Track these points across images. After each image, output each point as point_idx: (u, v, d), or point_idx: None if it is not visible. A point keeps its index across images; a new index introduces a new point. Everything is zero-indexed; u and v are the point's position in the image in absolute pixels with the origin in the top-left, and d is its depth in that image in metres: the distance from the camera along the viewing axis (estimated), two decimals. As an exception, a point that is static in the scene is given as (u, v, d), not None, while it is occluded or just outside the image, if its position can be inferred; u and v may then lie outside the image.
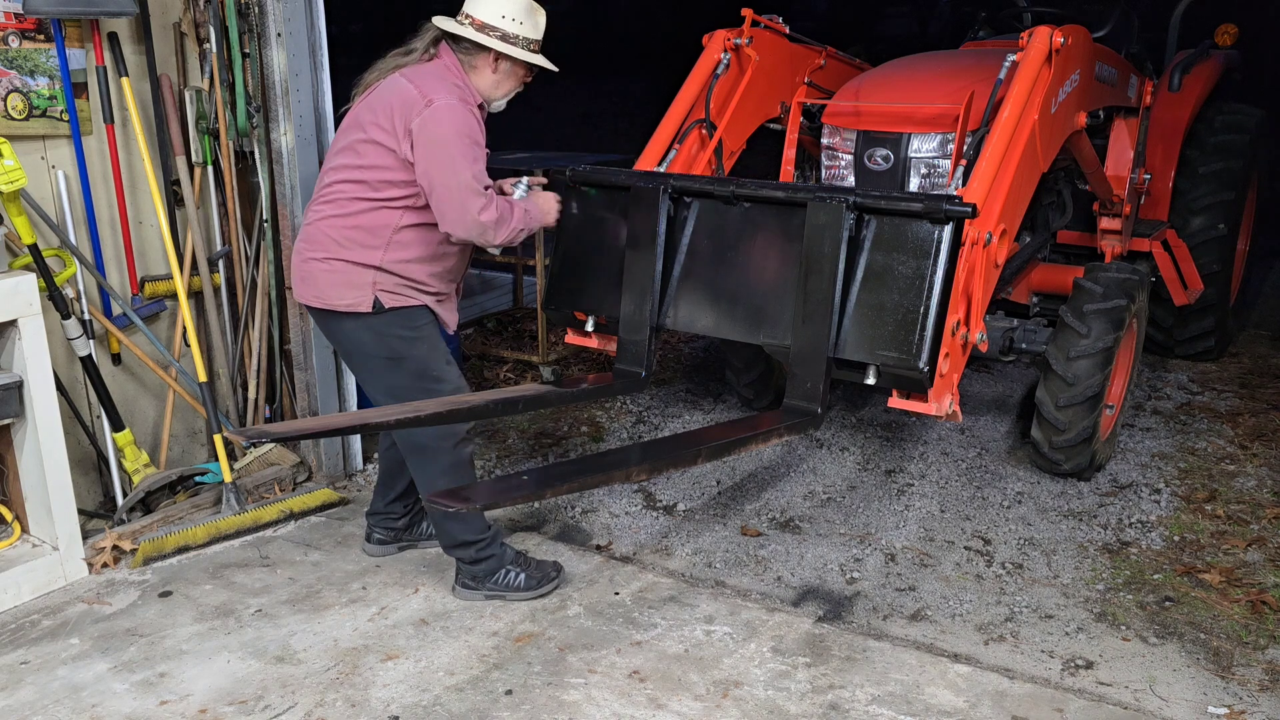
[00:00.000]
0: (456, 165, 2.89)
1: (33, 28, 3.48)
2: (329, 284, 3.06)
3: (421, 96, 2.92)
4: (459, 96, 2.96)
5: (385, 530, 3.55)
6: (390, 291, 3.05)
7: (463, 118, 2.93)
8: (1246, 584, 3.33)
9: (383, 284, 3.04)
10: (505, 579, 3.26)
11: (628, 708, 2.76)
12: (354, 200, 3.02)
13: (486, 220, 2.93)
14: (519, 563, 3.30)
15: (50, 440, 3.29)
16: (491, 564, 3.25)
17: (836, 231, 2.85)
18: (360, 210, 3.02)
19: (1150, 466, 4.22)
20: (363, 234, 3.02)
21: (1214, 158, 5.08)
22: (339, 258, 3.03)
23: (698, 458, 2.84)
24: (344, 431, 3.88)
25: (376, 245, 3.02)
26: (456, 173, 2.89)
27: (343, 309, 3.06)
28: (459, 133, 2.91)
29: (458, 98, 2.95)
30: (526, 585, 3.26)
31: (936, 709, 2.74)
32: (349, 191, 3.03)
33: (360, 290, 3.03)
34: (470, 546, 3.23)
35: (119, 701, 2.80)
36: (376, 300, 3.04)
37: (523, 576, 3.27)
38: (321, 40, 3.91)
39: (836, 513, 3.89)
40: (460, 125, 2.92)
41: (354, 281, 3.04)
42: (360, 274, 3.03)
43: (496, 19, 3.00)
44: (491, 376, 5.40)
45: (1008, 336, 3.99)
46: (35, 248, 3.39)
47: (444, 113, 2.91)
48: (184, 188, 3.90)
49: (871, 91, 3.90)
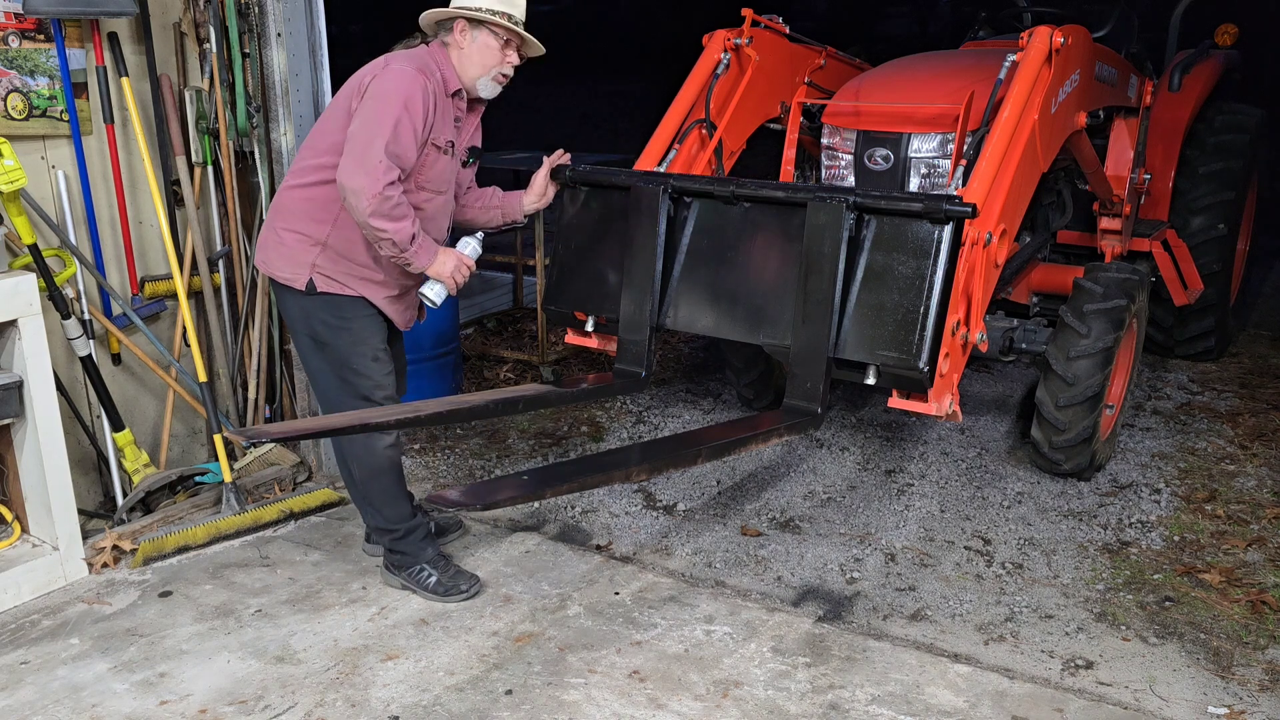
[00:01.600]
0: (380, 119, 2.85)
1: (33, 28, 3.48)
2: (275, 255, 3.11)
3: (385, 61, 2.99)
4: (417, 67, 2.94)
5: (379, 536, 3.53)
6: (327, 275, 3.05)
7: (409, 81, 2.90)
8: (1246, 584, 3.33)
9: (322, 266, 3.05)
10: (418, 575, 3.29)
11: (628, 708, 2.76)
12: (311, 169, 3.05)
13: (375, 180, 2.79)
14: (437, 565, 3.31)
15: (50, 440, 3.29)
16: (404, 559, 3.30)
17: (836, 231, 2.85)
18: (314, 182, 3.03)
19: (1150, 466, 4.22)
20: (313, 206, 3.04)
21: (1214, 158, 5.08)
22: (290, 228, 3.07)
23: (698, 458, 2.84)
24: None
25: (324, 220, 3.03)
26: (378, 123, 2.85)
27: (281, 281, 3.11)
28: (399, 92, 2.88)
29: (415, 67, 2.94)
30: (434, 588, 3.27)
31: (936, 709, 2.74)
32: (308, 159, 3.07)
33: (298, 267, 3.06)
34: (385, 535, 3.31)
35: (119, 701, 2.80)
36: (310, 281, 3.05)
37: (434, 579, 3.28)
38: (321, 40, 3.91)
39: (836, 513, 3.89)
40: (403, 87, 2.89)
41: (295, 258, 3.06)
42: (304, 251, 3.05)
43: None
44: (491, 376, 5.40)
45: (1008, 336, 3.99)
46: (35, 248, 3.39)
47: (394, 74, 2.92)
48: (184, 188, 3.90)
49: (871, 91, 3.89)
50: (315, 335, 3.13)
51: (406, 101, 2.88)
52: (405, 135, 2.89)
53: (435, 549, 3.36)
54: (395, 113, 2.86)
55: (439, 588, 3.27)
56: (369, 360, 3.13)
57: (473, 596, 3.29)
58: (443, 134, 3.04)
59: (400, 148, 2.88)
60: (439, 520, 3.65)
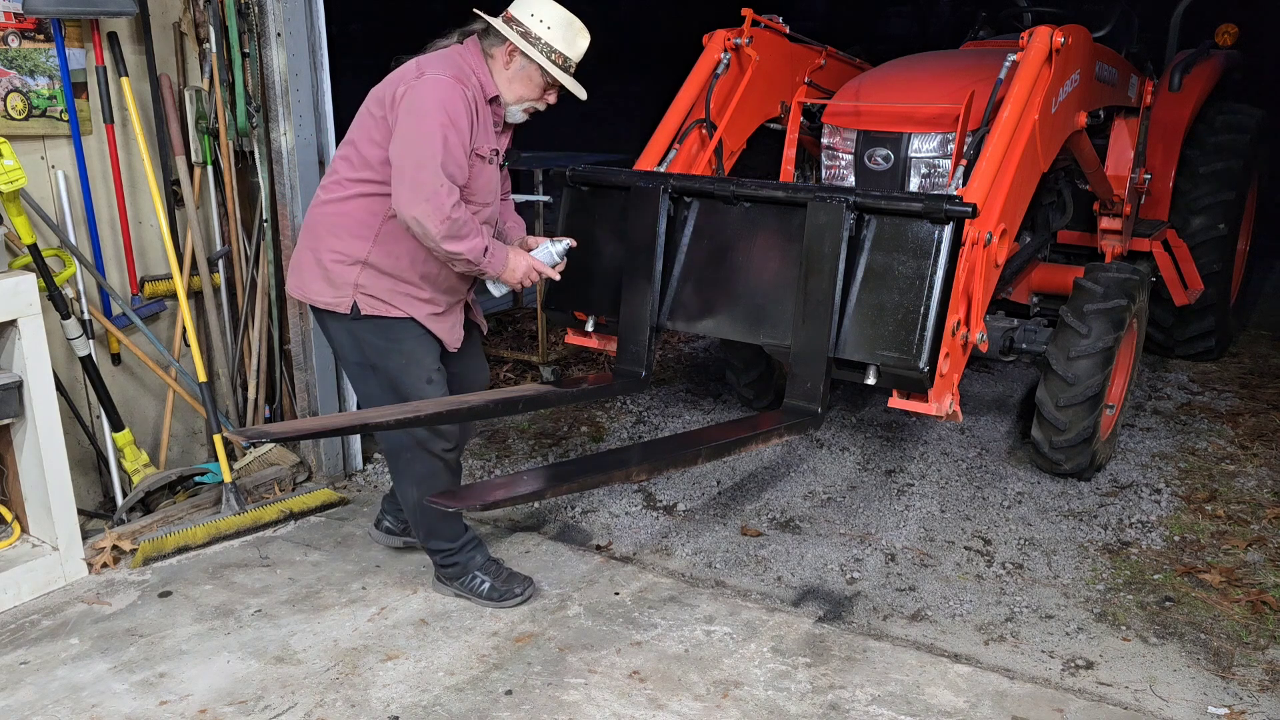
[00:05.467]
0: (426, 137, 2.74)
1: (32, 27, 3.48)
2: (312, 277, 2.99)
3: (417, 69, 2.85)
4: (454, 74, 2.82)
5: (396, 520, 3.55)
6: (372, 296, 2.94)
7: (448, 92, 2.78)
8: (1247, 584, 3.33)
9: (366, 286, 2.93)
10: (471, 583, 3.24)
11: (628, 708, 2.75)
12: (345, 183, 2.93)
13: (439, 206, 2.72)
14: (489, 570, 3.25)
15: (50, 440, 3.29)
16: (457, 570, 3.24)
17: (837, 231, 2.85)
18: (350, 195, 2.92)
19: (1150, 466, 4.22)
20: (351, 222, 2.92)
21: (1214, 157, 5.08)
22: (327, 247, 2.95)
23: (698, 458, 2.84)
24: (344, 431, 3.88)
25: (364, 236, 2.91)
26: (425, 142, 2.74)
27: (322, 306, 2.99)
28: (440, 105, 2.76)
29: (452, 75, 2.81)
30: (489, 594, 3.22)
31: (937, 709, 2.74)
32: (342, 172, 2.95)
33: (340, 290, 2.95)
34: (438, 554, 3.25)
35: (119, 701, 2.80)
36: (355, 305, 2.94)
37: (488, 585, 3.22)
38: (321, 40, 3.91)
39: (836, 513, 3.89)
40: (444, 99, 2.77)
41: (335, 279, 2.94)
42: (344, 271, 2.93)
43: (525, 16, 2.90)
44: (491, 376, 5.39)
45: (1008, 336, 3.99)
46: (35, 248, 3.39)
47: (430, 85, 2.79)
48: (184, 188, 3.90)
49: (871, 91, 3.90)
50: (365, 359, 3.01)
51: (451, 114, 2.76)
52: (455, 150, 2.78)
53: (485, 554, 3.29)
54: (441, 127, 2.75)
55: (492, 593, 3.21)
56: (423, 383, 3.01)
57: (527, 600, 3.23)
58: (486, 143, 2.93)
59: (453, 165, 2.78)
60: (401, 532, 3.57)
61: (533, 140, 6.91)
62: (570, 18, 2.95)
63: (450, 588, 3.28)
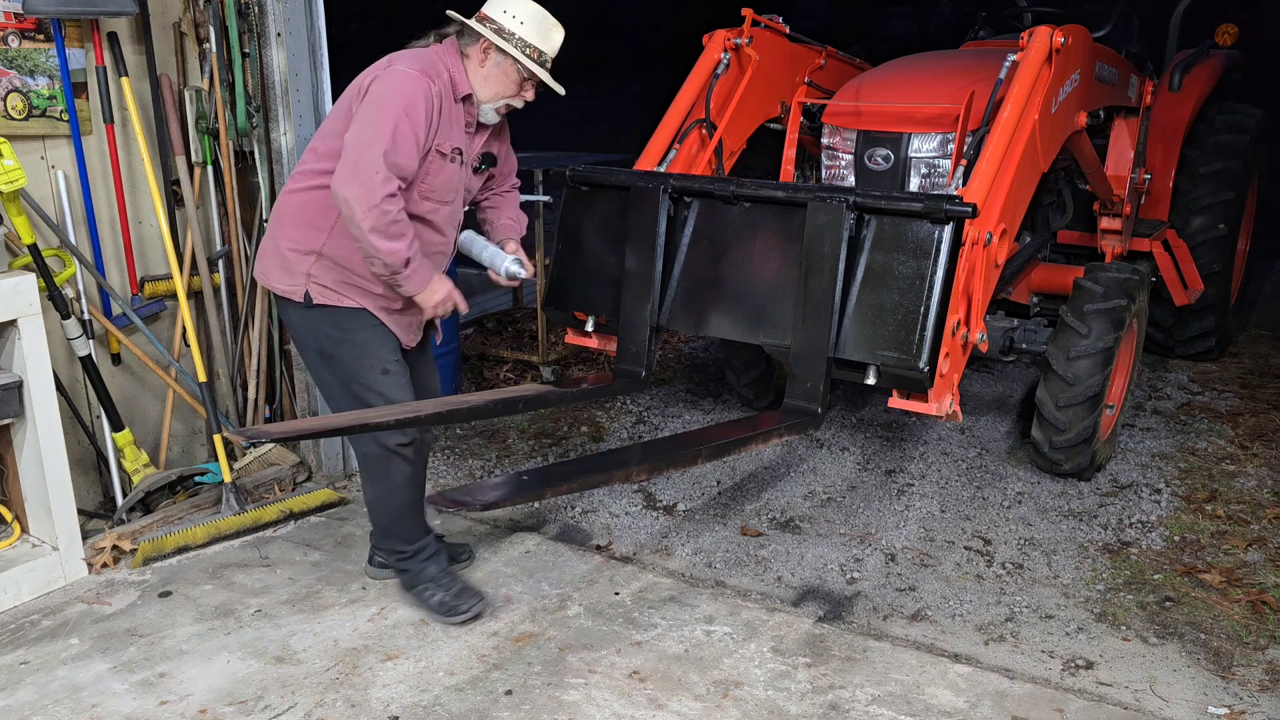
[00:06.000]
0: (378, 125, 2.71)
1: (32, 27, 3.48)
2: (271, 264, 3.00)
3: (387, 62, 2.85)
4: (422, 68, 2.81)
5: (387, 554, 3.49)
6: (324, 286, 2.93)
7: (411, 84, 2.76)
8: (1247, 584, 3.33)
9: (318, 276, 2.92)
10: (423, 594, 3.18)
11: (628, 708, 2.76)
12: (309, 173, 2.92)
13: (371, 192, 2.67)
14: (441, 583, 3.17)
15: (50, 440, 3.29)
16: (408, 578, 3.20)
17: (837, 231, 2.85)
18: (311, 186, 2.90)
19: (1150, 466, 4.22)
20: (309, 212, 2.91)
21: (1214, 157, 5.08)
22: (287, 235, 2.95)
23: (698, 458, 2.84)
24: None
25: (321, 227, 2.89)
26: (376, 129, 2.71)
27: (279, 293, 3.00)
28: (400, 95, 2.74)
29: (420, 69, 2.80)
30: (436, 608, 3.15)
31: (937, 709, 2.74)
32: (308, 163, 2.95)
33: (294, 278, 2.94)
34: (393, 554, 3.22)
35: (119, 701, 2.80)
36: (307, 293, 2.93)
37: (437, 597, 3.15)
38: (321, 40, 3.91)
39: (836, 513, 3.89)
40: (405, 90, 2.75)
41: (291, 267, 2.94)
42: (298, 260, 2.92)
43: (498, 13, 2.90)
44: (491, 376, 5.40)
45: (1008, 336, 3.99)
46: (35, 248, 3.39)
47: (395, 76, 2.78)
48: (184, 188, 3.90)
49: (871, 91, 3.90)
50: (321, 349, 3.02)
51: (408, 106, 2.74)
52: (405, 142, 2.74)
53: (440, 566, 3.21)
54: (394, 117, 2.72)
55: (442, 608, 3.14)
56: (377, 373, 2.99)
57: (474, 617, 3.14)
58: (449, 140, 2.89)
59: (400, 156, 2.74)
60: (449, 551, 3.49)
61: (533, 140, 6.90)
62: (543, 13, 2.94)
63: (409, 592, 3.22)
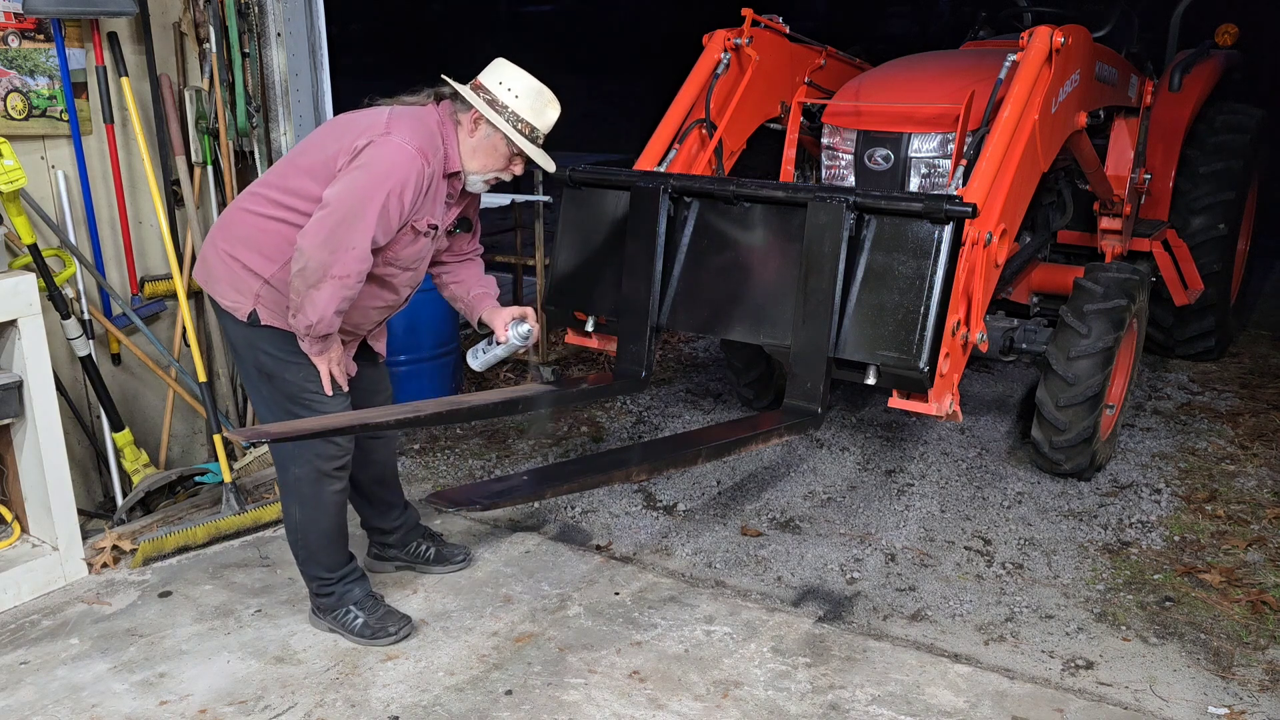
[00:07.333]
0: (367, 199, 2.66)
1: (32, 27, 3.48)
2: (219, 275, 2.88)
3: (386, 126, 2.74)
4: (419, 146, 2.73)
5: (380, 546, 3.48)
6: (270, 309, 2.84)
7: (407, 163, 2.70)
8: (1247, 584, 3.33)
9: (266, 299, 2.84)
10: (344, 618, 3.06)
11: (628, 708, 2.76)
12: (273, 203, 2.82)
13: (343, 270, 2.65)
14: (364, 606, 3.08)
15: (50, 440, 3.29)
16: (332, 601, 3.09)
17: (837, 231, 2.85)
18: (272, 216, 2.81)
19: (1150, 466, 4.22)
20: (265, 243, 2.82)
21: (1214, 157, 5.08)
22: (236, 255, 2.84)
23: (698, 458, 2.85)
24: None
25: (274, 259, 2.81)
26: (364, 204, 2.66)
27: (223, 307, 2.90)
28: (393, 172, 2.68)
29: (416, 146, 2.73)
30: (360, 631, 3.04)
31: (937, 709, 2.74)
32: (271, 186, 2.85)
33: (242, 296, 2.85)
34: (314, 581, 3.11)
35: (119, 701, 2.80)
36: (254, 312, 2.84)
37: (360, 620, 3.05)
38: (321, 40, 3.91)
39: (836, 513, 3.89)
40: (400, 167, 2.69)
41: (240, 285, 2.85)
42: (248, 280, 2.83)
43: (494, 84, 2.83)
44: (491, 376, 5.40)
45: (1008, 336, 3.99)
46: (35, 248, 3.39)
47: (393, 150, 2.70)
48: (184, 188, 3.90)
49: (871, 91, 3.90)
50: (261, 366, 2.91)
51: (400, 186, 2.69)
52: (389, 221, 2.71)
53: (365, 589, 3.12)
54: (383, 198, 2.67)
55: (365, 630, 3.04)
56: (321, 396, 2.92)
57: (401, 639, 3.05)
58: (426, 217, 2.83)
59: (380, 233, 2.70)
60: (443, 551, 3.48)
61: (533, 140, 6.82)
62: (540, 88, 2.86)
63: (324, 621, 3.10)
